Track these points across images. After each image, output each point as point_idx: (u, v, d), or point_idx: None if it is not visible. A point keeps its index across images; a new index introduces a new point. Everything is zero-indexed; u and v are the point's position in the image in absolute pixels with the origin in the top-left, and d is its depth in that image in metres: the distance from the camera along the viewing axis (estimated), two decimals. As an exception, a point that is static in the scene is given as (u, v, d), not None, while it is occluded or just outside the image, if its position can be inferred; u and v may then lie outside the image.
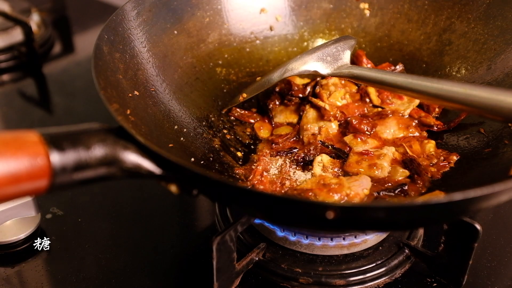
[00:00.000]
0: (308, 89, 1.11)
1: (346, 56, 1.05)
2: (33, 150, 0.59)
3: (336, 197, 0.85)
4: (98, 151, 0.64)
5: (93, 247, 0.97)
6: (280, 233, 0.90)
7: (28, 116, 1.39)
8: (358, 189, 0.87)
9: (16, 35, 1.56)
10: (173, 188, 0.70)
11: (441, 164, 0.94)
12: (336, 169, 0.94)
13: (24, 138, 0.60)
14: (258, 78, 1.11)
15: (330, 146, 0.98)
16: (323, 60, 1.04)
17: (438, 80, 0.87)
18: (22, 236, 0.97)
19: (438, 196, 0.86)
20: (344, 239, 0.89)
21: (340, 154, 0.97)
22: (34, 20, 1.67)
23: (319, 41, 1.24)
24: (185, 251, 0.97)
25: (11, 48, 1.57)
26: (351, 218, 0.64)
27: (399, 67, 1.14)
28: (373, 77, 0.96)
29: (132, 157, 0.66)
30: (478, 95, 0.80)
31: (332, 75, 1.04)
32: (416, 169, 0.92)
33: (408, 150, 0.97)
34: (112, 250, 0.97)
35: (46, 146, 0.60)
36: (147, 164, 0.67)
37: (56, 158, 0.60)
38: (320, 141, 1.00)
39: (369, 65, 1.15)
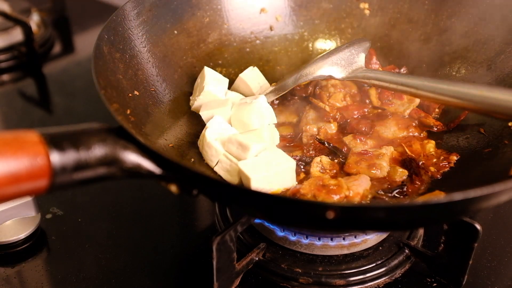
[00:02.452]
0: (310, 88, 1.11)
1: (361, 59, 1.06)
2: (33, 150, 0.59)
3: (335, 198, 0.85)
4: (98, 151, 0.64)
5: (93, 247, 0.97)
6: (280, 233, 0.90)
7: (28, 116, 1.39)
8: (359, 189, 0.87)
9: (16, 35, 1.56)
10: (173, 188, 0.70)
11: (441, 164, 0.94)
12: (334, 171, 0.94)
13: (24, 138, 0.60)
14: (273, 84, 1.11)
15: (326, 143, 0.98)
16: (337, 65, 1.04)
17: (455, 82, 0.89)
18: (22, 236, 0.97)
19: (438, 196, 0.86)
20: (344, 239, 0.89)
21: (336, 152, 0.97)
22: (34, 20, 1.67)
23: (319, 41, 1.24)
24: (185, 251, 0.97)
25: (11, 48, 1.57)
26: (351, 218, 0.64)
27: (403, 70, 1.14)
28: (389, 80, 0.97)
29: (132, 157, 0.66)
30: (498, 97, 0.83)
31: (347, 79, 1.04)
32: (415, 169, 0.92)
33: (407, 150, 0.97)
34: (112, 250, 0.97)
35: (46, 146, 0.60)
36: (147, 164, 0.67)
37: (56, 158, 0.61)
38: (317, 138, 1.00)
39: (377, 65, 1.15)
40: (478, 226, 0.79)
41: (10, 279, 0.92)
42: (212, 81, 1.05)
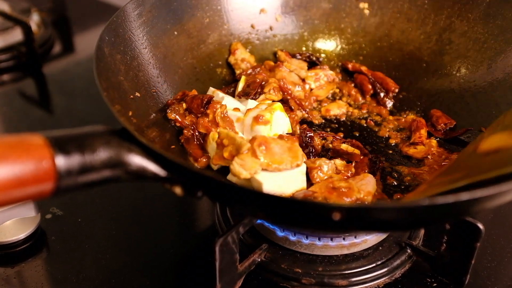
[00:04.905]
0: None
1: None
2: (38, 154, 0.59)
3: (348, 200, 0.84)
4: (103, 154, 0.64)
5: (93, 247, 0.97)
6: (280, 233, 0.90)
7: (28, 116, 1.39)
8: (369, 188, 0.86)
9: (16, 35, 1.56)
10: (178, 190, 0.70)
11: (443, 163, 0.94)
12: (350, 173, 0.94)
13: (29, 142, 0.60)
14: None
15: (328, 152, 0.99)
16: None
17: None
18: (22, 236, 0.97)
19: (446, 196, 0.86)
20: (344, 239, 0.89)
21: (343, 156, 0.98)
22: (34, 20, 1.67)
23: (319, 41, 1.24)
24: (185, 252, 0.97)
25: (11, 48, 1.56)
26: (356, 218, 0.63)
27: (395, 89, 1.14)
28: None
29: (137, 160, 0.66)
30: None
31: None
32: None
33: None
34: (112, 250, 0.97)
35: (51, 149, 0.60)
36: (151, 167, 0.67)
37: (61, 161, 0.61)
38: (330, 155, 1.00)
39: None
40: (480, 226, 0.79)
41: (10, 279, 0.92)
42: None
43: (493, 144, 0.81)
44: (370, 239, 0.91)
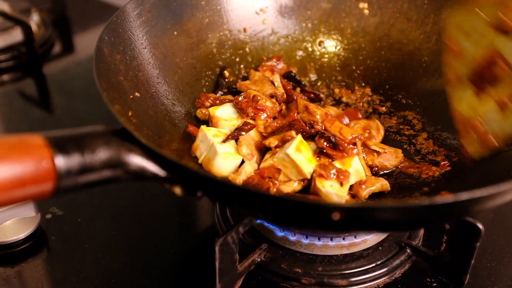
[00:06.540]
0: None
1: None
2: (38, 154, 0.59)
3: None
4: (103, 154, 0.64)
5: (93, 247, 0.97)
6: (279, 233, 0.90)
7: (28, 116, 1.39)
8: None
9: (16, 35, 1.56)
10: (178, 190, 0.70)
11: (442, 163, 0.95)
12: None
13: (29, 142, 0.60)
14: None
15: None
16: None
17: None
18: (22, 236, 0.97)
19: (445, 196, 0.86)
20: (344, 239, 0.89)
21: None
22: (34, 20, 1.67)
23: (319, 41, 1.24)
24: (185, 252, 0.97)
25: (11, 48, 1.56)
26: (356, 218, 0.64)
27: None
28: None
29: (137, 160, 0.66)
30: None
31: None
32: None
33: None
34: (112, 250, 0.97)
35: (51, 149, 0.60)
36: (151, 167, 0.67)
37: (61, 161, 0.61)
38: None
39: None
40: (480, 226, 0.79)
41: (10, 279, 0.92)
42: None
43: None
44: (369, 239, 0.91)
